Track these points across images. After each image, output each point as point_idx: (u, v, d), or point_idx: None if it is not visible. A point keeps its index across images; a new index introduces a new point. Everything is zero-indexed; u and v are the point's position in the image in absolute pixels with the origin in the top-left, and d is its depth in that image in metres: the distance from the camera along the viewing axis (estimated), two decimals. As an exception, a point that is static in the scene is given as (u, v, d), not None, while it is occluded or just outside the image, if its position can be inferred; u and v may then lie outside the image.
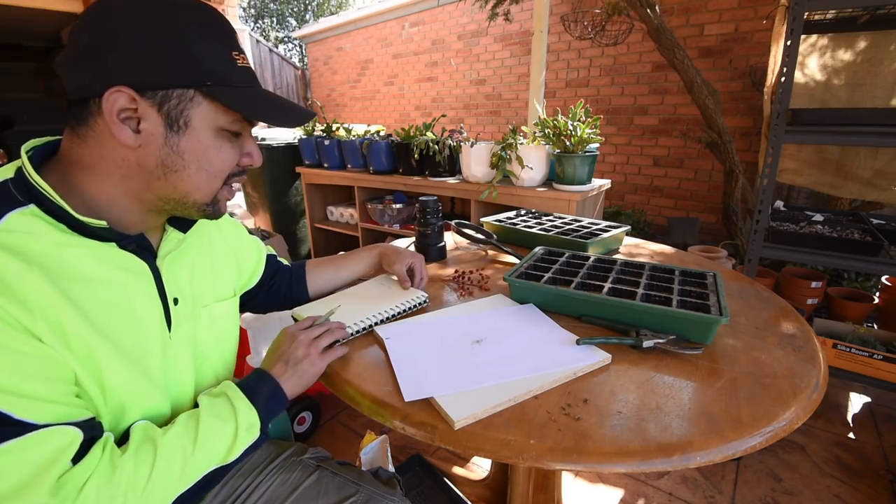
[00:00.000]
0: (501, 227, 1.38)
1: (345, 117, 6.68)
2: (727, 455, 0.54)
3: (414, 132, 2.36)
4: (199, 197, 0.58)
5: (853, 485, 1.43)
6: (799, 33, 1.46)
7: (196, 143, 0.55)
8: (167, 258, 0.62)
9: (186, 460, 0.54)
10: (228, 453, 0.57)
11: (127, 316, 0.55)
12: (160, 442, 0.53)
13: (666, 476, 1.47)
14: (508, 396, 0.61)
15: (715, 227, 3.31)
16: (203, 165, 0.56)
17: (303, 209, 3.18)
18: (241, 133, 0.60)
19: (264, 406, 0.62)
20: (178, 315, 0.63)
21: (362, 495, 0.72)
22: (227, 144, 0.58)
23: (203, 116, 0.54)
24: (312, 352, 0.69)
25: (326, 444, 1.64)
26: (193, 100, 0.53)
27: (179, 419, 0.58)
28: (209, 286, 0.71)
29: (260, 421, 0.61)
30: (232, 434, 0.58)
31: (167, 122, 0.52)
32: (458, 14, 4.85)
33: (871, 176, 2.14)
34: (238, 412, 0.59)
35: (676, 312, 0.75)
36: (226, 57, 0.55)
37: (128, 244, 0.57)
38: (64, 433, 0.47)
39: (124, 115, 0.51)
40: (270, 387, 0.64)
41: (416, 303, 0.89)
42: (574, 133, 1.81)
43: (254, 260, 0.86)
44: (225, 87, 0.54)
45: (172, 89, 0.52)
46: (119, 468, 0.49)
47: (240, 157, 0.60)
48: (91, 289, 0.52)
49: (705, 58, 3.23)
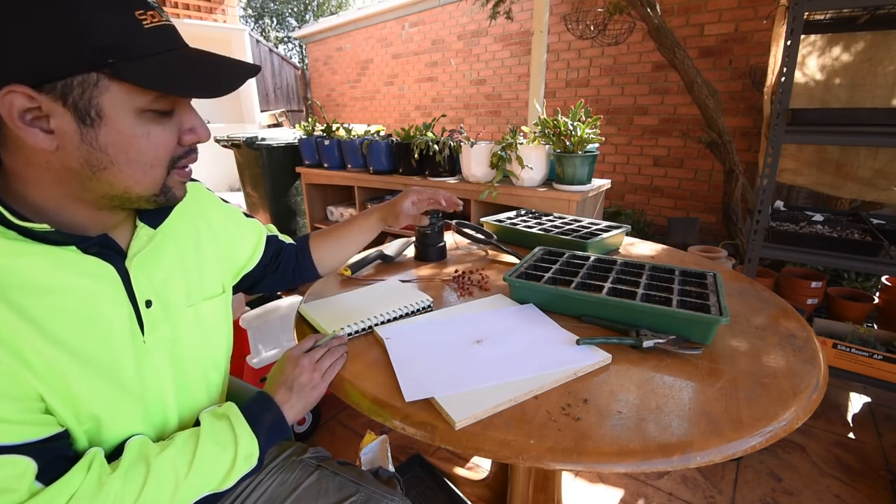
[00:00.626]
0: (501, 227, 1.38)
1: (345, 117, 6.69)
2: (727, 455, 0.54)
3: (414, 132, 2.36)
4: (142, 190, 0.52)
5: (853, 485, 1.43)
6: (799, 33, 1.46)
7: (116, 135, 0.47)
8: (136, 258, 0.57)
9: (178, 484, 0.52)
10: (224, 481, 0.56)
11: (91, 324, 0.51)
12: (153, 462, 0.51)
13: (666, 476, 1.47)
14: (508, 396, 0.61)
15: (715, 227, 3.31)
16: (132, 157, 0.49)
17: (303, 209, 3.18)
18: (172, 110, 0.51)
19: (265, 435, 0.61)
20: (152, 318, 0.58)
21: (362, 495, 0.72)
22: (156, 128, 0.50)
23: (115, 102, 0.46)
24: (315, 376, 0.68)
25: (326, 444, 1.64)
26: (99, 84, 0.45)
27: (177, 438, 0.56)
28: (195, 284, 0.66)
29: (259, 451, 0.59)
30: (230, 461, 0.56)
31: (77, 115, 0.45)
32: (458, 14, 4.85)
33: (871, 176, 2.14)
34: (239, 440, 0.58)
35: (676, 312, 0.75)
36: (127, 20, 0.45)
37: (89, 247, 0.52)
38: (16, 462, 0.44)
39: (29, 117, 0.44)
40: (274, 414, 0.63)
41: (420, 306, 0.88)
42: (574, 133, 1.81)
43: (251, 242, 0.82)
44: (132, 61, 0.45)
45: (70, 77, 0.43)
46: (106, 487, 0.48)
47: (179, 135, 0.52)
48: (46, 298, 0.48)
49: (705, 58, 3.23)
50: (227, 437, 0.57)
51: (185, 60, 0.49)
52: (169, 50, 0.48)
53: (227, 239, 0.76)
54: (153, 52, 0.47)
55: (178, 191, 0.56)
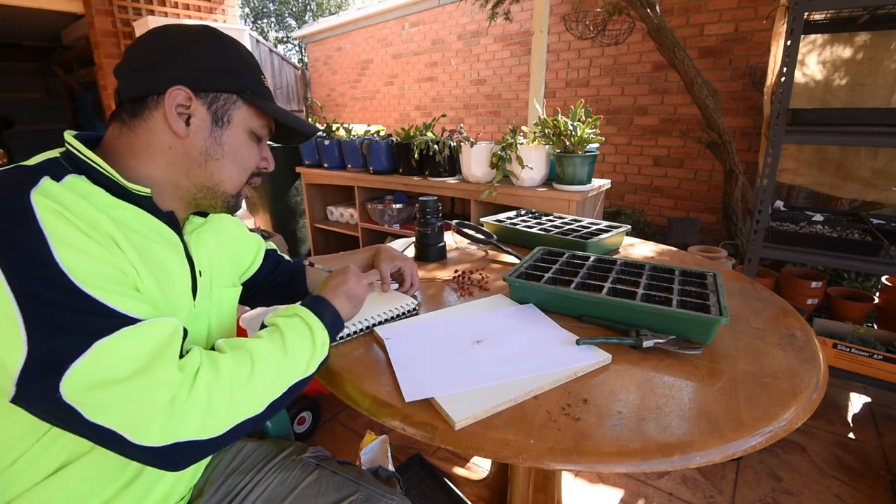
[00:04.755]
0: (501, 227, 1.38)
1: (345, 117, 6.69)
2: (727, 455, 0.54)
3: (414, 132, 2.36)
4: (229, 186, 0.66)
5: (853, 485, 1.43)
6: (799, 33, 1.46)
7: (234, 139, 0.65)
8: (193, 233, 0.70)
9: (279, 367, 0.58)
10: (308, 366, 0.62)
11: (166, 273, 0.61)
12: (253, 349, 0.58)
13: (666, 476, 1.47)
14: (508, 396, 0.61)
15: (715, 227, 3.31)
16: (237, 158, 0.66)
17: (303, 209, 3.18)
18: (262, 139, 0.70)
19: (330, 327, 0.67)
20: (202, 287, 0.69)
21: (362, 494, 0.72)
22: (254, 145, 0.68)
23: (241, 117, 0.65)
24: (365, 294, 0.78)
25: (326, 444, 1.64)
26: (236, 103, 0.64)
27: (261, 333, 0.63)
28: (219, 268, 0.76)
29: (329, 339, 0.66)
30: (310, 348, 0.63)
31: (214, 118, 0.63)
32: (458, 14, 4.85)
33: (871, 176, 2.14)
34: (314, 330, 0.65)
35: (676, 312, 0.75)
36: (257, 76, 0.67)
37: (161, 217, 0.63)
38: (168, 323, 0.53)
39: (180, 110, 0.60)
40: (332, 312, 0.70)
41: (406, 309, 0.88)
42: (574, 133, 1.81)
43: (253, 250, 0.91)
44: (259, 97, 0.66)
45: (221, 93, 0.63)
46: (221, 366, 0.54)
47: (259, 159, 0.70)
48: (142, 239, 0.58)
49: (705, 58, 3.23)
50: (304, 329, 0.64)
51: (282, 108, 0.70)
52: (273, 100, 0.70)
53: (237, 241, 0.85)
54: (268, 98, 0.68)
55: (241, 200, 0.71)
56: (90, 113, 5.60)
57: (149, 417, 0.47)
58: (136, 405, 0.47)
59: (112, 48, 3.52)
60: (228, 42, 0.65)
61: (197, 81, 0.61)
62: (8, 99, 5.73)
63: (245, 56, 0.66)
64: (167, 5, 3.69)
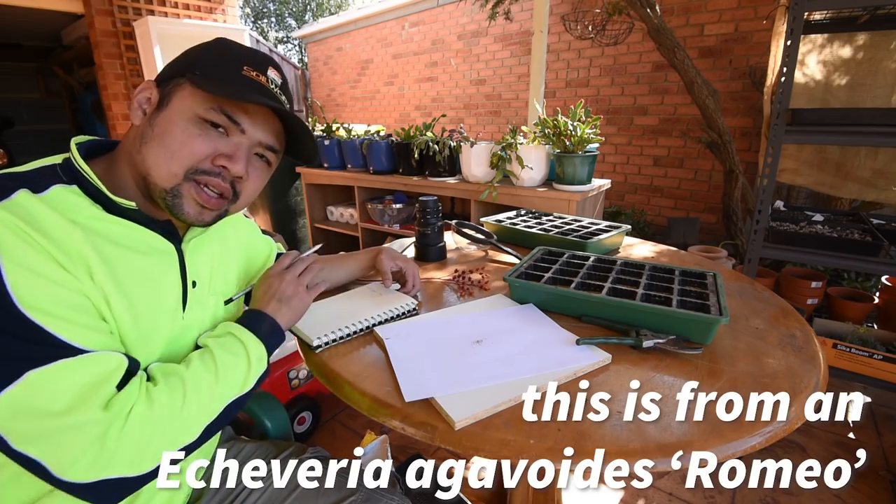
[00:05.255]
0: (501, 227, 1.38)
1: (345, 117, 6.69)
2: (727, 455, 0.54)
3: (414, 132, 2.36)
4: (157, 176, 0.57)
5: (853, 485, 1.43)
6: (799, 33, 1.46)
7: (166, 120, 0.58)
8: (191, 242, 0.66)
9: (211, 390, 0.56)
10: (244, 384, 0.60)
11: (148, 285, 0.59)
12: (185, 375, 0.56)
13: (666, 476, 1.47)
14: (508, 396, 0.61)
15: (715, 227, 3.31)
16: (165, 141, 0.57)
17: (303, 209, 3.18)
18: (224, 129, 0.59)
19: (267, 339, 0.64)
20: (194, 298, 0.66)
21: (362, 494, 0.72)
22: (195, 131, 0.57)
23: (182, 99, 0.58)
24: (300, 289, 0.72)
25: (326, 444, 1.64)
26: (181, 85, 0.59)
27: (192, 357, 0.59)
28: (221, 280, 0.73)
29: (266, 353, 0.63)
30: (245, 365, 0.60)
31: (158, 102, 0.59)
32: (458, 14, 4.85)
33: (871, 176, 2.14)
34: (248, 346, 0.62)
35: (676, 312, 0.75)
36: (232, 63, 0.60)
37: (155, 227, 0.61)
38: (111, 357, 0.51)
39: (145, 105, 0.60)
40: (269, 323, 0.66)
41: (405, 309, 0.88)
42: (574, 133, 1.81)
43: (264, 255, 0.89)
44: (211, 80, 0.58)
45: (172, 79, 0.59)
46: (155, 398, 0.52)
47: (215, 153, 0.59)
48: (121, 253, 0.56)
49: (705, 58, 3.23)
50: (237, 346, 0.61)
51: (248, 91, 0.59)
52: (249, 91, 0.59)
53: (248, 247, 0.83)
54: (236, 83, 0.59)
55: (189, 206, 0.60)
56: (90, 113, 5.60)
57: (75, 453, 0.45)
58: (63, 440, 0.45)
59: (112, 48, 3.51)
60: (226, 41, 0.63)
61: (161, 74, 0.61)
62: (8, 99, 5.73)
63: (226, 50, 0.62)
64: (167, 5, 3.68)
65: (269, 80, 0.62)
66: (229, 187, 0.61)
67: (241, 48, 0.63)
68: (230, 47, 0.62)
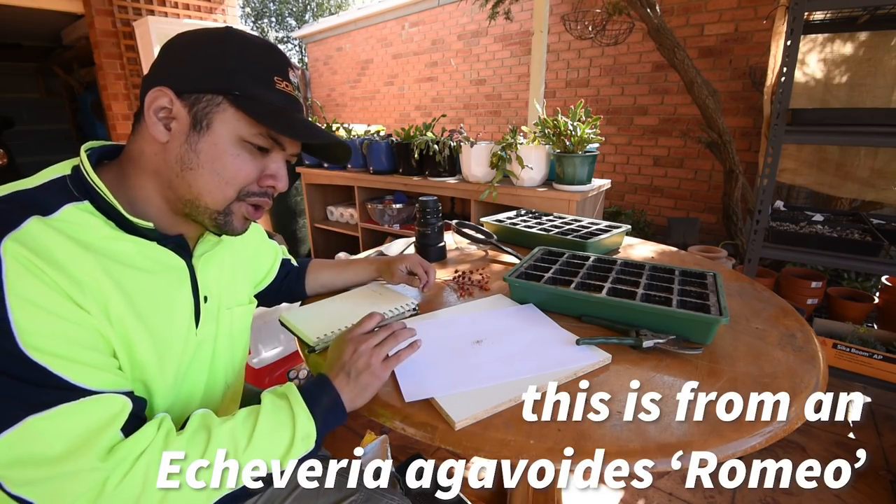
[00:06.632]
0: (501, 227, 1.38)
1: (345, 117, 6.68)
2: (727, 455, 0.54)
3: (414, 132, 2.36)
4: (210, 201, 0.58)
5: (853, 485, 1.43)
6: (799, 33, 1.46)
7: (212, 146, 0.57)
8: (202, 258, 0.66)
9: (237, 455, 0.52)
10: (284, 459, 0.55)
11: (163, 306, 0.58)
12: (214, 431, 0.53)
13: (666, 476, 1.47)
14: (508, 396, 0.61)
15: (715, 227, 3.31)
16: (216, 168, 0.57)
17: (303, 209, 3.18)
18: (268, 151, 0.60)
19: (323, 418, 0.58)
20: (206, 313, 0.66)
21: (362, 494, 0.72)
22: (246, 156, 0.59)
23: (225, 122, 0.56)
24: (374, 362, 0.63)
25: (326, 444, 1.63)
26: (220, 105, 0.56)
27: (240, 413, 0.56)
28: (230, 289, 0.72)
29: (317, 433, 0.57)
30: (289, 440, 0.55)
31: (193, 122, 0.56)
32: (458, 14, 4.85)
33: (871, 176, 2.14)
34: (297, 420, 0.56)
35: (676, 312, 0.75)
36: (263, 77, 0.58)
37: (167, 243, 0.60)
38: (115, 400, 0.49)
39: (162, 114, 0.56)
40: (332, 398, 0.60)
41: (406, 309, 0.88)
42: (574, 133, 1.81)
43: (269, 260, 0.89)
44: (253, 101, 0.57)
45: (204, 94, 0.56)
46: (171, 447, 0.50)
47: (261, 176, 0.61)
48: (135, 276, 0.55)
49: (705, 58, 3.23)
50: (286, 416, 0.56)
51: (290, 116, 0.59)
52: (286, 108, 0.59)
53: (255, 253, 0.83)
54: (273, 103, 0.58)
55: (237, 222, 0.62)
56: (90, 113, 5.59)
57: (72, 500, 0.44)
58: (61, 487, 0.44)
59: (112, 48, 3.51)
60: (238, 38, 0.57)
61: (181, 82, 0.55)
62: (8, 99, 5.72)
63: (249, 55, 0.57)
64: (167, 5, 3.68)
65: (295, 87, 0.62)
66: (270, 200, 0.64)
67: (263, 51, 0.59)
68: (255, 53, 0.58)
